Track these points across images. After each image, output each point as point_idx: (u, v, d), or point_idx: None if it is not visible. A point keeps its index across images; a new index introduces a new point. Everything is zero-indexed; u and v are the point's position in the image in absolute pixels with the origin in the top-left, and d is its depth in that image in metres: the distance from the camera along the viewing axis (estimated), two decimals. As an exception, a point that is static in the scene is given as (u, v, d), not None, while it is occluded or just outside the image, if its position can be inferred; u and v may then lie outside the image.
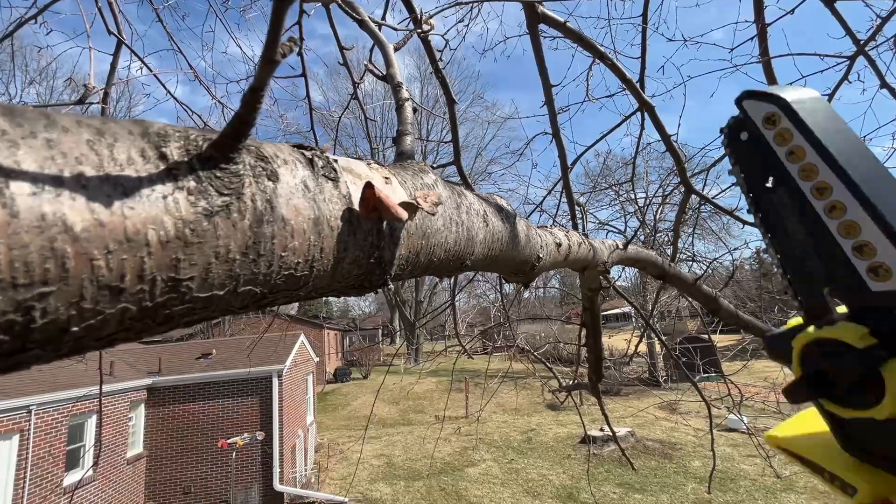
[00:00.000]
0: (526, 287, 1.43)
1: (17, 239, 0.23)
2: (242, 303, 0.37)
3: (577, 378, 4.38)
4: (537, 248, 1.16)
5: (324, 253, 0.42)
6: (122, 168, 0.29)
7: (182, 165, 0.31)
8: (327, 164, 0.45)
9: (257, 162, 0.38)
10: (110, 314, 0.28)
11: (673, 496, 9.35)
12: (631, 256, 2.28)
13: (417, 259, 0.59)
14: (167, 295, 0.30)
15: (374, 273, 0.50)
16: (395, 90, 0.85)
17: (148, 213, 0.29)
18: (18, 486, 7.30)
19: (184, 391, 10.73)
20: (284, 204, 0.38)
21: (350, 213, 0.45)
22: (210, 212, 0.32)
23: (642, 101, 2.74)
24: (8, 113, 0.26)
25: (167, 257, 0.29)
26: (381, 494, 10.14)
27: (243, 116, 0.33)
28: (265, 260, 0.36)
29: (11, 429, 7.31)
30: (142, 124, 0.32)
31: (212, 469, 10.29)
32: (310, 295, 0.45)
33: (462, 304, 25.00)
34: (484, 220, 0.79)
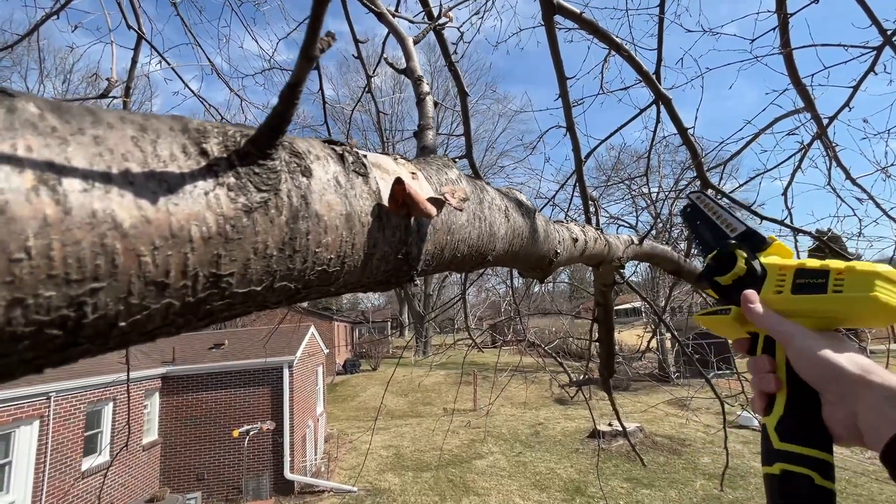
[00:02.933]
0: (541, 282, 1.42)
1: (70, 235, 0.23)
2: (277, 298, 0.37)
3: (588, 373, 4.37)
4: (555, 243, 1.15)
5: (355, 249, 0.42)
6: (165, 164, 0.29)
7: (222, 161, 0.31)
8: (357, 160, 0.45)
9: (291, 158, 0.38)
10: (155, 309, 0.28)
11: (681, 492, 9.32)
12: (646, 252, 2.26)
13: (442, 255, 0.58)
14: (208, 290, 0.30)
15: (401, 269, 0.50)
16: (416, 84, 0.85)
17: (191, 209, 0.29)
18: (39, 469, 7.53)
19: (197, 380, 10.93)
20: (318, 200, 0.38)
21: (380, 209, 0.45)
22: (249, 208, 0.32)
23: (659, 94, 2.69)
24: (56, 109, 0.26)
25: (209, 253, 0.29)
26: (389, 485, 10.27)
27: (281, 112, 0.32)
28: (300, 256, 0.36)
29: (32, 414, 7.53)
30: (181, 120, 0.32)
31: (224, 457, 10.50)
32: (339, 291, 0.45)
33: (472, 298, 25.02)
34: (505, 216, 0.78)
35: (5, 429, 7.21)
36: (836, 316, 0.53)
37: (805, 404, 0.50)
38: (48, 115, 0.25)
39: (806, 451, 0.48)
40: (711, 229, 0.68)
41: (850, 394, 0.46)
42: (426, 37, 1.35)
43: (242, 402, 10.89)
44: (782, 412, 0.51)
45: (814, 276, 0.54)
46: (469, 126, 2.93)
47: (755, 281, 0.58)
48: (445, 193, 0.53)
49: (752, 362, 0.56)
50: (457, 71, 2.64)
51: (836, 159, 3.12)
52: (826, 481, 0.47)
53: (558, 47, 2.81)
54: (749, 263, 0.59)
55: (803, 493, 0.47)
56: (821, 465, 0.48)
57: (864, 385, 0.45)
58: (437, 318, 22.47)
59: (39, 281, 0.22)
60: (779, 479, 0.49)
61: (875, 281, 0.50)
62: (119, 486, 9.10)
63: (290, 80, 0.31)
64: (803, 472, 0.48)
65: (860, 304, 0.51)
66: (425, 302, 30.78)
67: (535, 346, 4.83)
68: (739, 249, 0.61)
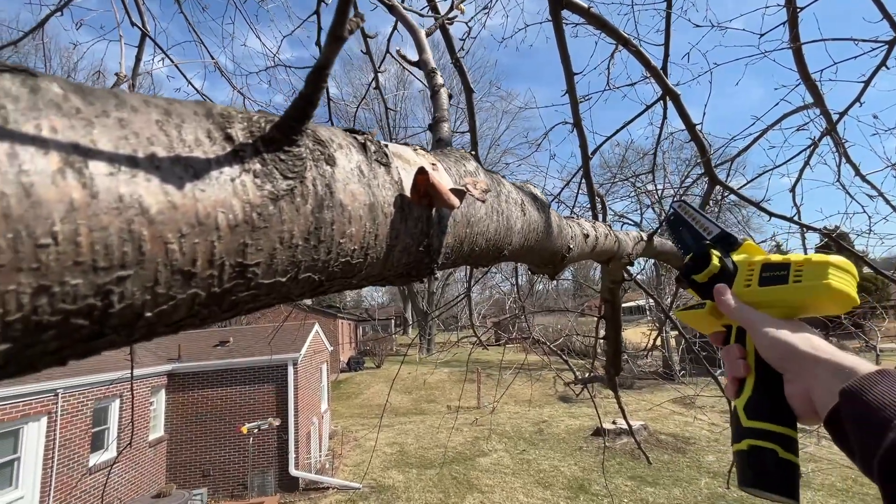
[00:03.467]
0: (552, 278, 1.41)
1: (97, 220, 0.22)
2: (301, 290, 0.36)
3: (593, 370, 4.36)
4: (568, 238, 1.14)
5: (378, 240, 0.41)
6: (190, 149, 0.28)
7: (247, 147, 0.30)
8: (379, 149, 0.44)
9: (315, 146, 0.36)
10: (182, 299, 0.27)
11: (686, 490, 9.30)
12: (655, 249, 2.24)
13: (461, 248, 0.57)
14: (234, 281, 0.29)
15: (422, 262, 0.49)
16: (430, 76, 0.83)
17: (217, 195, 0.28)
18: (47, 465, 7.60)
19: (202, 377, 10.99)
20: (342, 189, 0.37)
21: (402, 200, 0.44)
22: (276, 196, 0.31)
23: (667, 89, 2.66)
24: (79, 91, 0.25)
25: (235, 242, 0.28)
26: (393, 481, 10.30)
27: (308, 96, 0.31)
28: (325, 246, 0.35)
29: (40, 410, 7.60)
30: (205, 105, 0.31)
31: (230, 453, 10.56)
32: (361, 283, 0.44)
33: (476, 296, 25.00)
34: (521, 210, 0.77)
35: (13, 425, 7.27)
36: (798, 304, 0.58)
37: (769, 385, 0.54)
38: (72, 97, 0.24)
39: (770, 427, 0.52)
40: (691, 233, 0.74)
41: (804, 371, 0.50)
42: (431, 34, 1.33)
43: (247, 399, 10.94)
44: (750, 393, 0.55)
45: (777, 269, 0.59)
46: (474, 123, 2.91)
47: (728, 277, 0.64)
48: (468, 184, 0.52)
49: (725, 351, 0.61)
50: (462, 67, 2.63)
51: (845, 155, 3.08)
52: (789, 454, 0.51)
53: (566, 42, 2.78)
54: (722, 261, 0.65)
55: (769, 465, 0.51)
56: (784, 440, 0.51)
57: (815, 361, 0.50)
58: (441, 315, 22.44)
59: (66, 268, 0.21)
60: (746, 454, 0.53)
61: (828, 270, 0.55)
62: (126, 481, 9.18)
63: (317, 63, 0.30)
64: (768, 446, 0.51)
65: (816, 292, 0.56)
66: (429, 299, 30.80)
67: (539, 343, 4.81)
68: (714, 249, 0.66)
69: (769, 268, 0.60)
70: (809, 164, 3.34)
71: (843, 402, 0.44)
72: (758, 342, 0.55)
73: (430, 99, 0.81)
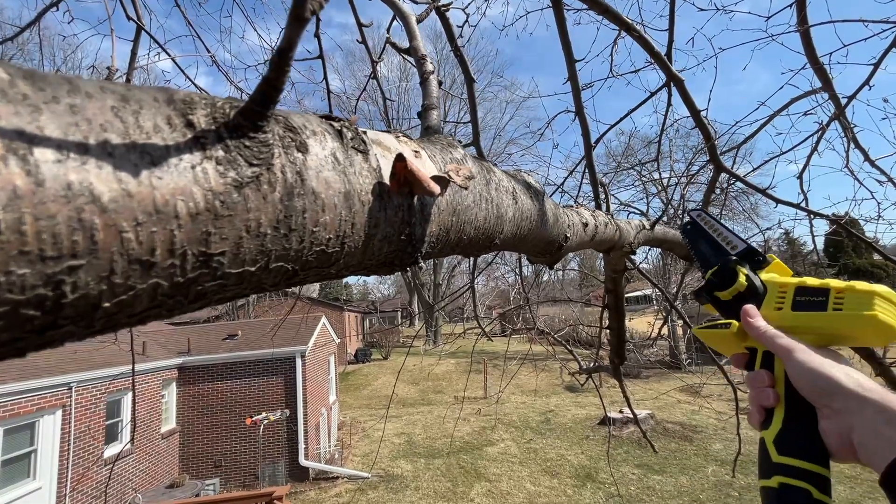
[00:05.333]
0: (551, 268, 1.40)
1: (44, 209, 0.22)
2: (274, 280, 0.35)
3: (598, 360, 4.35)
4: (564, 227, 1.12)
5: (355, 229, 0.40)
6: (148, 136, 0.27)
7: (210, 134, 0.30)
8: (356, 136, 0.43)
9: (286, 132, 0.36)
10: (142, 290, 0.26)
11: (693, 478, 9.32)
12: (658, 237, 2.22)
13: (447, 237, 0.56)
14: (198, 270, 0.29)
15: (405, 251, 0.48)
16: (420, 63, 0.82)
17: (177, 183, 0.27)
18: (63, 457, 7.79)
19: (212, 370, 11.15)
20: (315, 177, 0.37)
21: (381, 187, 0.43)
22: (240, 183, 0.30)
23: (671, 75, 2.61)
24: (29, 77, 0.24)
25: (197, 230, 0.28)
26: (402, 471, 10.43)
27: (272, 80, 0.30)
28: (297, 235, 0.35)
29: (55, 404, 7.76)
30: (167, 91, 0.30)
31: (241, 444, 10.75)
32: (340, 273, 0.43)
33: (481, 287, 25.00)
34: (513, 198, 0.76)
35: (29, 418, 7.45)
36: (836, 333, 0.55)
37: (803, 419, 0.51)
38: (19, 82, 0.23)
39: (804, 464, 0.49)
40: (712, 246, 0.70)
41: (846, 409, 0.47)
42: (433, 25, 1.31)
43: (257, 391, 11.09)
44: (780, 426, 0.52)
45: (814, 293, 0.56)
46: (476, 113, 2.88)
47: (755, 297, 0.60)
48: (450, 171, 0.51)
49: (751, 377, 0.57)
50: (463, 56, 2.59)
51: (854, 140, 3.01)
52: (823, 495, 0.48)
53: (566, 29, 2.73)
54: (750, 280, 0.61)
55: None
56: (818, 480, 0.48)
57: (861, 400, 0.46)
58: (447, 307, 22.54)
59: (11, 257, 0.21)
60: (777, 492, 0.50)
61: (874, 300, 0.52)
62: (141, 472, 9.38)
63: (279, 45, 0.29)
64: (802, 485, 0.48)
65: (860, 323, 0.52)
66: (434, 291, 30.88)
67: (544, 334, 4.81)
68: (741, 266, 0.63)
69: (805, 292, 0.56)
70: (817, 149, 3.28)
71: None
72: (792, 371, 0.52)
73: (420, 86, 0.80)
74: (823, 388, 0.49)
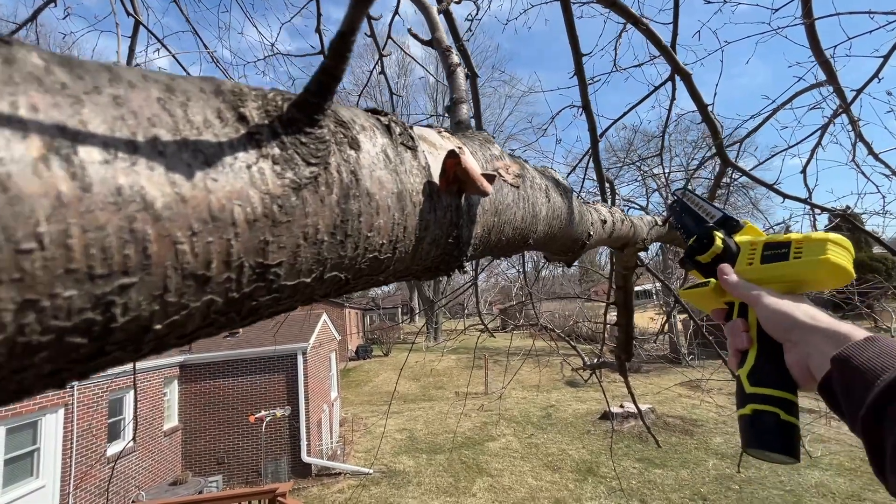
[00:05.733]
0: (569, 266, 1.37)
1: (92, 218, 0.18)
2: (326, 290, 0.32)
3: (601, 356, 4.34)
4: (588, 225, 1.09)
5: (406, 232, 0.37)
6: (199, 132, 0.23)
7: (264, 129, 0.26)
8: (405, 132, 0.40)
9: (337, 127, 0.32)
10: (195, 308, 0.23)
11: (694, 471, 9.36)
12: (670, 233, 2.18)
13: (489, 238, 0.53)
14: (254, 284, 0.25)
15: (451, 254, 0.45)
16: (444, 55, 0.78)
17: (233, 185, 0.23)
18: (66, 455, 7.78)
19: (214, 368, 11.13)
20: (368, 176, 0.33)
21: (430, 187, 0.40)
22: (298, 184, 0.27)
23: (677, 69, 2.56)
24: (65, 63, 0.21)
25: (255, 239, 0.24)
26: (404, 466, 10.46)
27: (331, 68, 0.27)
28: (352, 241, 0.31)
29: (57, 402, 7.73)
30: (213, 81, 0.27)
31: (243, 441, 10.75)
32: (388, 280, 0.40)
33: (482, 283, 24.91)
34: (546, 196, 0.72)
35: (32, 417, 7.42)
36: (798, 279, 0.61)
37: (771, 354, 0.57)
38: (56, 69, 0.20)
39: (772, 392, 0.55)
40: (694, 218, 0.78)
41: (802, 340, 0.53)
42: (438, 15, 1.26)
43: (259, 388, 11.08)
44: (753, 362, 0.58)
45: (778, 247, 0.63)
46: (479, 109, 2.83)
47: (731, 257, 0.68)
48: (499, 169, 0.47)
49: (729, 326, 0.64)
50: (466, 51, 2.54)
51: (859, 134, 2.98)
52: (790, 416, 0.54)
53: (574, 22, 2.68)
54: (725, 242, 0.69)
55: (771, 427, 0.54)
56: (785, 403, 0.55)
57: (812, 331, 0.52)
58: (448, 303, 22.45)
59: (56, 277, 0.17)
60: (750, 418, 0.56)
61: (827, 245, 0.59)
62: (144, 469, 9.38)
63: (341, 28, 0.26)
64: (770, 409, 0.55)
65: (816, 266, 0.59)
66: (435, 287, 30.86)
67: (546, 329, 4.79)
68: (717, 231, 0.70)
69: (771, 246, 0.64)
70: (822, 143, 3.25)
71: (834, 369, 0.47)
72: (760, 315, 0.58)
73: (447, 79, 0.76)
74: (784, 325, 0.55)
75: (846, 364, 0.46)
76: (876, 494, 7.92)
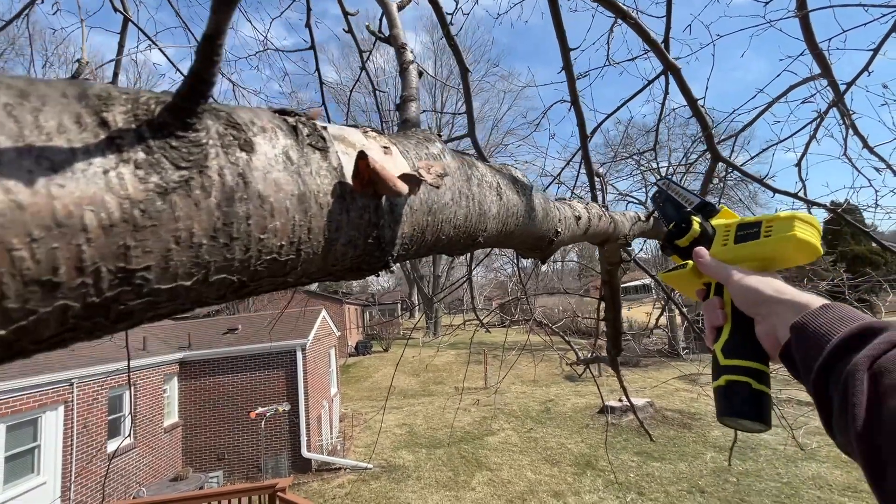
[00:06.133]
0: (543, 262, 1.37)
1: None
2: (218, 293, 0.32)
3: (595, 351, 4.35)
4: (555, 222, 1.09)
5: (312, 234, 0.37)
6: (49, 138, 0.23)
7: (128, 134, 0.26)
8: (314, 132, 0.40)
9: (227, 129, 0.32)
10: (46, 313, 0.23)
11: (691, 464, 9.41)
12: (655, 228, 2.18)
13: (423, 237, 0.53)
14: (118, 288, 0.26)
15: (372, 254, 0.45)
16: (399, 52, 0.78)
17: (83, 191, 0.24)
18: (67, 452, 7.84)
19: (213, 364, 11.18)
20: (261, 178, 0.33)
21: (342, 188, 0.40)
22: (164, 189, 0.27)
23: (667, 64, 2.55)
24: None
25: (113, 244, 0.25)
26: (404, 461, 10.53)
27: (199, 72, 0.27)
28: (240, 244, 0.31)
29: (57, 400, 7.79)
30: (80, 85, 0.27)
31: (243, 437, 10.82)
32: (300, 281, 0.40)
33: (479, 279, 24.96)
34: (497, 194, 0.72)
35: (32, 414, 7.47)
36: (770, 256, 0.63)
37: (743, 329, 0.60)
38: None
39: (744, 363, 0.58)
40: (673, 205, 0.81)
41: (770, 312, 0.56)
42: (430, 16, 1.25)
43: (258, 384, 11.14)
44: (727, 337, 0.61)
45: (750, 227, 0.65)
46: (471, 104, 2.82)
47: (707, 240, 0.70)
48: (420, 169, 0.47)
49: (706, 304, 0.67)
50: (457, 46, 2.53)
51: (852, 127, 2.97)
52: (761, 385, 0.57)
53: (561, 17, 2.66)
54: (702, 226, 0.71)
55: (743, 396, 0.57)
56: (756, 373, 0.57)
57: (778, 303, 0.55)
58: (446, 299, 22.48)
59: None
60: (724, 389, 0.59)
61: (794, 223, 0.61)
62: (145, 466, 9.46)
63: (206, 31, 0.26)
64: (743, 379, 0.57)
65: (784, 243, 0.61)
66: (434, 283, 30.90)
67: (542, 325, 4.79)
68: (694, 216, 0.73)
69: (743, 227, 0.66)
70: (816, 137, 3.24)
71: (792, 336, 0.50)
72: (731, 291, 0.61)
73: (399, 76, 0.76)
74: (753, 299, 0.58)
75: (802, 330, 0.49)
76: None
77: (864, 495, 7.74)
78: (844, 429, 0.41)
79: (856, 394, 0.39)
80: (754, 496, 8.02)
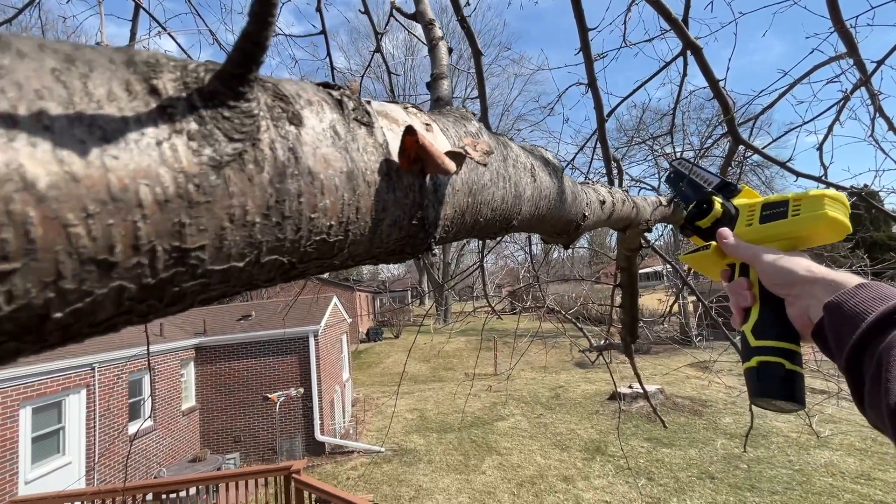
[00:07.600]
0: (566, 248, 1.34)
1: (-42, 200, 0.17)
2: (268, 275, 0.31)
3: (608, 337, 4.31)
4: (583, 205, 1.06)
5: (360, 214, 0.35)
6: (99, 105, 0.22)
7: (179, 102, 0.24)
8: (359, 107, 0.37)
9: (275, 101, 0.30)
10: (102, 294, 0.22)
11: (702, 451, 9.41)
12: (674, 213, 2.13)
13: (463, 219, 0.51)
14: (173, 269, 0.24)
15: (416, 236, 0.43)
16: (428, 28, 0.74)
17: (138, 163, 0.22)
18: (90, 433, 8.11)
19: (228, 350, 11.41)
20: (311, 154, 0.31)
21: (388, 165, 0.38)
22: (219, 162, 0.25)
23: (688, 43, 2.45)
24: (-59, 31, 0.19)
25: (168, 221, 0.23)
26: (415, 445, 10.69)
27: (252, 35, 0.25)
28: (291, 223, 0.30)
29: (79, 384, 8.03)
30: (126, 52, 0.25)
31: (259, 421, 11.08)
32: (345, 263, 0.38)
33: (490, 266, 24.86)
34: (532, 175, 0.70)
35: (56, 397, 7.72)
36: (797, 235, 0.62)
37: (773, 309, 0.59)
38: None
39: (776, 343, 0.57)
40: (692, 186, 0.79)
41: (802, 293, 0.55)
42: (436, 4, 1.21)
43: (272, 369, 11.35)
44: (757, 317, 0.60)
45: (777, 206, 0.64)
46: (484, 88, 2.75)
47: (730, 220, 0.69)
48: (466, 146, 0.45)
49: (731, 286, 0.65)
50: (470, 28, 2.46)
51: (879, 109, 2.85)
52: (795, 365, 0.56)
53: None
54: (724, 206, 0.70)
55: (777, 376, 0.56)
56: (789, 353, 0.56)
57: (811, 282, 0.54)
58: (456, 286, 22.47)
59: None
60: (756, 370, 0.57)
61: (824, 200, 0.60)
62: (164, 447, 9.75)
63: (259, -11, 0.24)
64: (775, 360, 0.56)
65: (814, 222, 0.60)
66: (444, 270, 30.93)
67: (554, 312, 4.77)
68: (716, 196, 0.72)
69: (769, 206, 0.65)
70: (839, 119, 3.12)
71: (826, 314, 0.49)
72: (760, 272, 0.60)
73: (429, 53, 0.72)
74: (784, 280, 0.57)
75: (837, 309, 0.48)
76: (886, 474, 7.89)
77: (877, 483, 7.68)
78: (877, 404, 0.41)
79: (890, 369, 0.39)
80: (765, 483, 8.01)
